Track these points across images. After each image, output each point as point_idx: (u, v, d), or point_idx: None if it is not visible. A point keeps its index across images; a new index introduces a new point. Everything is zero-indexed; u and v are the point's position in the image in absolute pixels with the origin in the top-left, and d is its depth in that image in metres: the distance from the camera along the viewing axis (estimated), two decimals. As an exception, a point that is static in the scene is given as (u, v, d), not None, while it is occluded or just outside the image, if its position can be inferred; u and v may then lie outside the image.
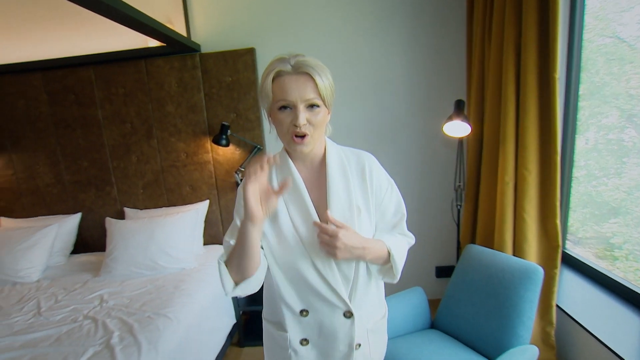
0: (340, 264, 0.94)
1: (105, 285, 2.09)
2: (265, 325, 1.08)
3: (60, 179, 2.62)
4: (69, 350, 1.50)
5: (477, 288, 1.74)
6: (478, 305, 1.69)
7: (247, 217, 0.81)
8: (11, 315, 1.85)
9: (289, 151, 0.97)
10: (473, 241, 2.35)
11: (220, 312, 2.10)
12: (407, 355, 1.58)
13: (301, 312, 0.96)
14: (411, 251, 2.70)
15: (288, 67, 0.85)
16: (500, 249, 1.84)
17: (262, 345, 1.13)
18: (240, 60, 2.35)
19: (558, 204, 1.66)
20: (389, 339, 1.24)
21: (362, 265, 0.97)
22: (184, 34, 2.35)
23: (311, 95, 0.85)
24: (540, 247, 1.80)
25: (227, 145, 2.35)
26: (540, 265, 1.59)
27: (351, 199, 0.95)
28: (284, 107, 0.86)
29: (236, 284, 0.89)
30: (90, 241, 2.69)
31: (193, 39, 2.39)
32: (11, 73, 2.48)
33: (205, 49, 2.41)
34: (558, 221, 1.68)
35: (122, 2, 1.55)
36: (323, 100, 0.87)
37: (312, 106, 0.86)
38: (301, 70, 0.84)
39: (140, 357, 1.42)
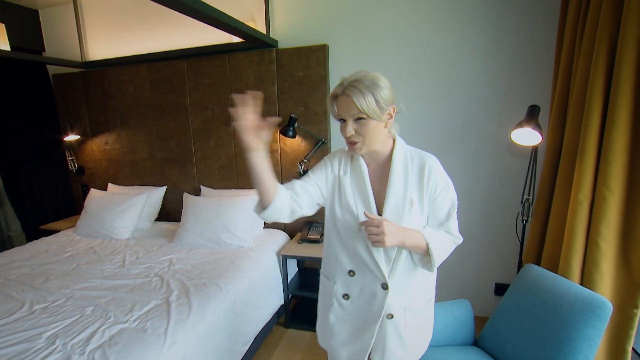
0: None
1: (175, 250, 2.39)
2: (321, 277, 1.33)
3: (153, 155, 3.04)
4: (138, 299, 1.77)
5: (530, 312, 1.59)
6: (528, 331, 1.55)
7: (246, 148, 0.99)
8: (104, 263, 2.24)
9: None
10: (537, 262, 2.12)
11: (268, 291, 2.25)
12: (439, 367, 1.53)
13: (349, 272, 1.19)
14: (470, 263, 2.57)
15: (340, 91, 1.05)
16: (565, 274, 1.65)
17: (307, 329, 1.58)
18: (313, 56, 2.45)
19: (646, 232, 1.43)
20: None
21: (405, 251, 1.13)
22: (264, 30, 2.53)
23: (354, 112, 1.03)
24: (617, 280, 1.56)
25: (293, 136, 2.48)
26: (614, 301, 1.40)
27: (406, 193, 1.11)
28: (341, 120, 1.08)
29: (262, 206, 1.08)
30: (171, 212, 3.08)
31: (272, 35, 2.56)
32: (126, 64, 2.94)
33: (282, 44, 2.57)
34: (643, 252, 1.45)
35: (208, 5, 1.75)
36: (367, 114, 1.03)
37: (359, 119, 1.04)
38: (346, 93, 1.03)
39: (189, 316, 1.61)
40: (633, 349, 1.55)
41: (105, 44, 3.04)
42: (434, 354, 1.63)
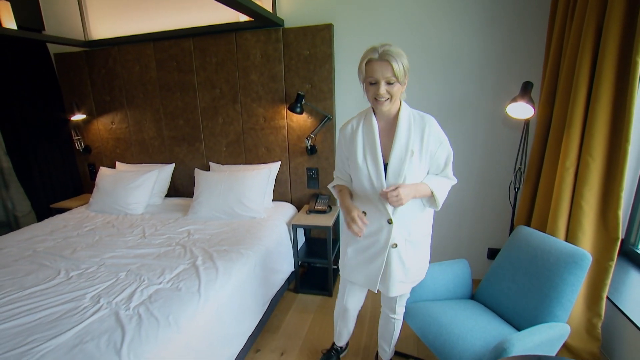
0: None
1: (191, 223, 2.53)
2: (342, 213, 1.56)
3: (161, 134, 3.12)
4: (166, 264, 1.92)
5: (521, 267, 1.80)
6: (520, 283, 1.76)
7: (348, 219, 1.43)
8: (125, 235, 2.37)
9: (374, 109, 1.44)
10: (527, 224, 2.34)
11: (282, 257, 2.42)
12: (443, 315, 1.73)
13: (363, 212, 1.48)
14: (464, 229, 2.78)
15: (376, 56, 1.27)
16: (552, 233, 1.86)
17: (316, 294, 2.01)
18: (319, 35, 2.55)
19: (622, 194, 1.63)
20: (429, 300, 1.82)
21: None
22: (270, 9, 2.60)
23: (389, 75, 1.27)
24: (596, 237, 1.78)
25: (301, 113, 2.60)
26: (593, 255, 1.60)
27: (408, 145, 1.37)
28: (371, 83, 1.31)
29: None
30: (180, 188, 3.20)
31: (278, 14, 2.63)
32: (131, 43, 2.98)
33: (288, 24, 2.65)
34: (620, 212, 1.65)
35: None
36: (397, 79, 1.28)
37: (389, 83, 1.29)
38: (384, 58, 1.26)
39: (217, 277, 1.78)
40: (607, 297, 1.78)
41: (108, 22, 3.06)
42: (436, 306, 1.84)
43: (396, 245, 1.48)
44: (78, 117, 3.22)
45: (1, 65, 2.99)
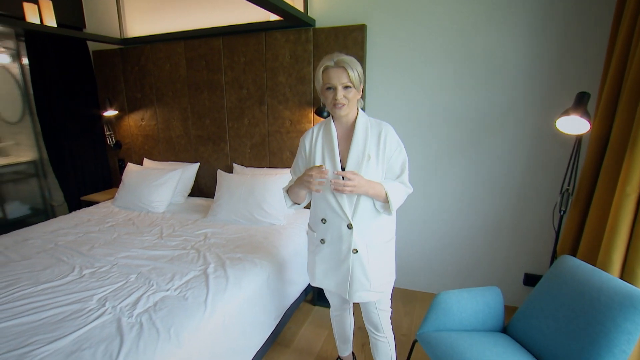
0: (348, 194, 1.40)
1: (210, 225, 2.47)
2: (307, 230, 1.66)
3: (187, 132, 3.11)
4: (177, 269, 1.86)
5: (564, 303, 1.58)
6: (561, 322, 1.54)
7: (303, 187, 1.44)
8: (143, 235, 2.35)
9: (332, 116, 1.48)
10: (573, 253, 2.08)
11: (299, 268, 2.30)
12: (468, 350, 1.55)
13: (322, 219, 1.52)
14: (500, 251, 2.54)
15: (332, 63, 1.34)
16: (604, 267, 1.62)
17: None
18: (350, 37, 2.42)
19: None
20: (454, 330, 1.69)
21: (363, 197, 1.42)
22: (301, 9, 2.50)
23: (345, 80, 1.33)
24: (660, 276, 1.52)
25: (327, 117, 2.47)
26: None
27: (365, 149, 1.40)
28: (329, 88, 1.36)
29: (293, 203, 1.58)
30: (204, 188, 3.17)
31: (309, 14, 2.53)
32: (163, 41, 2.99)
33: (319, 24, 2.54)
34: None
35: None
36: (353, 84, 1.34)
37: (346, 87, 1.34)
38: (340, 65, 1.33)
39: (226, 288, 1.69)
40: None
41: (143, 20, 3.09)
42: (462, 338, 1.65)
43: (357, 251, 1.47)
44: (110, 112, 3.28)
45: (45, 60, 3.09)
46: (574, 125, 1.69)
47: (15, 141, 3.59)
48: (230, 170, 2.98)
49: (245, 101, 2.83)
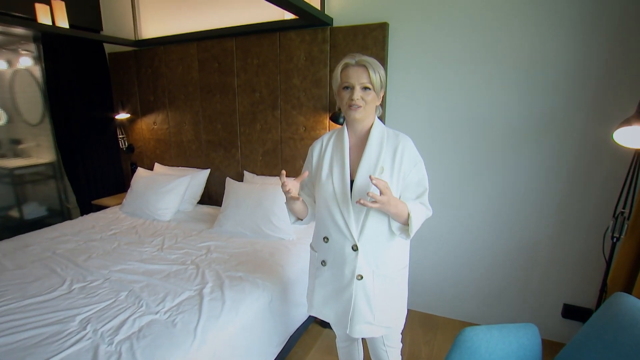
0: (355, 209, 1.25)
1: (214, 237, 2.31)
2: (310, 250, 1.49)
3: (199, 137, 2.98)
4: (172, 288, 1.69)
5: (622, 352, 1.29)
6: (620, 376, 1.26)
7: (287, 201, 1.34)
8: (144, 245, 2.21)
9: (346, 123, 1.34)
10: (628, 288, 1.77)
11: (305, 288, 2.10)
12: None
13: (324, 238, 1.34)
14: (533, 278, 2.25)
15: (353, 61, 1.22)
16: (675, 311, 1.32)
17: None
18: (371, 36, 2.21)
19: None
20: None
21: (372, 214, 1.25)
22: (318, 7, 2.32)
23: (364, 80, 1.20)
24: None
25: (343, 124, 2.27)
26: None
27: (378, 161, 1.25)
28: (346, 88, 1.23)
29: (296, 219, 1.45)
30: (214, 195, 3.03)
31: (327, 12, 2.34)
32: (176, 42, 2.88)
33: (337, 22, 2.35)
34: None
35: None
36: (373, 86, 1.21)
37: (365, 88, 1.21)
38: (361, 64, 1.21)
39: (221, 314, 1.50)
40: None
41: (158, 22, 3.00)
42: (494, 387, 1.39)
43: (361, 277, 1.29)
44: (123, 116, 3.20)
45: (60, 63, 3.06)
46: (636, 137, 1.41)
47: (36, 142, 3.58)
48: (241, 177, 2.81)
49: (258, 105, 2.67)
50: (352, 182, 1.28)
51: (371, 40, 2.22)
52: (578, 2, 1.83)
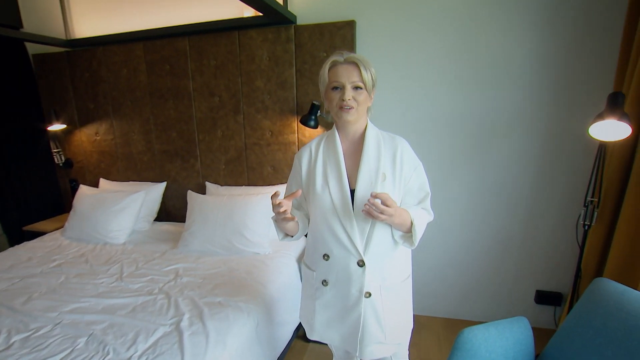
0: (359, 221, 1.15)
1: (181, 259, 2.08)
2: (302, 268, 1.37)
3: (151, 147, 2.69)
4: (142, 325, 1.46)
5: (613, 338, 1.33)
6: (614, 362, 1.30)
7: (279, 221, 1.18)
8: (98, 276, 1.92)
9: (337, 127, 1.24)
10: (599, 271, 1.88)
11: (290, 305, 1.96)
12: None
13: (324, 255, 1.22)
14: (509, 269, 2.30)
15: (341, 59, 1.14)
16: (652, 293, 1.39)
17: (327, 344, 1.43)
18: (338, 34, 2.12)
19: None
20: None
21: (378, 225, 1.16)
22: (281, 2, 2.18)
23: (356, 79, 1.12)
24: None
25: (315, 127, 2.16)
26: None
27: (379, 167, 1.16)
28: (335, 88, 1.14)
29: (285, 235, 1.30)
30: (172, 210, 2.76)
31: (290, 9, 2.21)
32: (118, 43, 2.57)
33: (301, 20, 2.22)
34: None
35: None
36: (365, 85, 1.13)
37: (356, 88, 1.13)
38: (350, 61, 1.13)
39: (207, 350, 1.32)
40: None
41: (94, 19, 2.65)
42: (498, 388, 1.37)
43: (370, 295, 1.19)
44: (57, 127, 2.80)
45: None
46: (610, 130, 1.47)
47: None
48: (202, 189, 2.58)
49: (218, 110, 2.46)
50: (352, 191, 1.17)
51: (339, 38, 2.13)
52: (541, 13, 1.89)
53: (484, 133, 2.13)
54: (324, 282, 1.24)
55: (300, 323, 2.11)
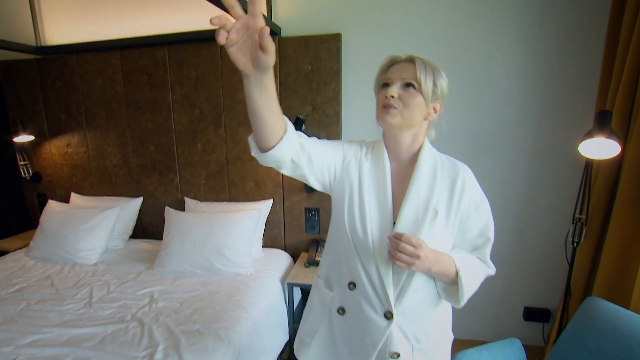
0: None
1: (157, 281, 1.95)
2: (316, 281, 1.12)
3: (127, 161, 2.56)
4: (111, 359, 1.33)
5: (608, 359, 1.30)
6: (613, 387, 1.26)
7: (242, 75, 0.70)
8: (65, 301, 1.77)
9: (384, 139, 0.99)
10: (588, 288, 1.86)
11: (274, 328, 1.86)
12: None
13: (349, 284, 0.98)
14: (497, 286, 2.27)
15: (402, 57, 0.94)
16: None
17: None
18: (323, 47, 2.08)
19: None
20: None
21: (419, 275, 0.93)
22: (265, 13, 2.12)
23: (407, 75, 0.89)
24: None
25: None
26: None
27: (431, 200, 0.92)
28: (385, 85, 0.92)
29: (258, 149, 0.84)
30: (149, 227, 2.62)
31: (273, 20, 2.15)
32: (93, 51, 2.44)
33: (285, 32, 2.17)
34: None
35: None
36: (420, 86, 0.88)
37: (407, 85, 0.89)
38: (411, 59, 0.92)
39: (183, 386, 1.20)
40: None
41: (66, 25, 2.52)
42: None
43: (398, 356, 0.95)
44: (24, 138, 2.63)
45: None
46: (598, 148, 1.46)
47: None
48: (181, 205, 2.46)
49: (198, 123, 2.36)
50: (393, 224, 0.95)
51: (324, 51, 2.09)
52: (520, 19, 1.90)
53: (470, 147, 2.11)
54: (341, 310, 1.02)
55: (285, 345, 2.01)
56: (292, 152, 0.85)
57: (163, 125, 2.43)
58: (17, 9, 2.57)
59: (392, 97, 0.88)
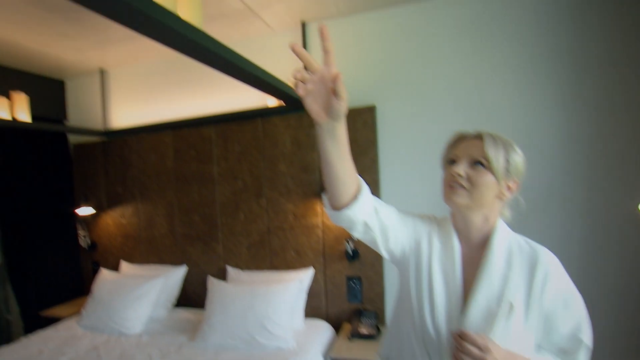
0: None
1: (198, 354, 1.92)
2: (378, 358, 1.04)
3: (173, 231, 2.69)
4: None
5: None
6: None
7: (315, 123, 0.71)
8: (109, 375, 1.79)
9: (452, 218, 0.93)
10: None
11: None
12: None
13: None
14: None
15: (470, 133, 0.90)
16: None
17: None
18: (360, 119, 2.18)
19: None
20: None
21: None
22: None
23: (475, 152, 0.85)
24: None
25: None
26: None
27: (504, 291, 0.81)
28: (452, 162, 0.88)
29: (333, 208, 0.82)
30: (192, 296, 2.65)
31: (311, 97, 2.31)
32: (149, 131, 2.72)
33: (322, 107, 2.31)
34: None
35: (250, 62, 1.50)
36: (489, 164, 0.83)
37: (476, 163, 0.84)
38: (479, 136, 0.87)
39: None
40: None
41: (129, 111, 2.86)
42: None
43: None
44: (85, 211, 2.87)
45: (18, 156, 2.79)
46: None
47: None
48: (223, 274, 2.50)
49: (241, 194, 2.48)
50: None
51: (361, 123, 2.18)
52: (559, 81, 1.91)
53: (516, 207, 2.02)
54: None
55: None
56: (366, 214, 0.82)
57: (207, 197, 2.57)
58: (91, 98, 2.97)
59: (460, 175, 0.84)
